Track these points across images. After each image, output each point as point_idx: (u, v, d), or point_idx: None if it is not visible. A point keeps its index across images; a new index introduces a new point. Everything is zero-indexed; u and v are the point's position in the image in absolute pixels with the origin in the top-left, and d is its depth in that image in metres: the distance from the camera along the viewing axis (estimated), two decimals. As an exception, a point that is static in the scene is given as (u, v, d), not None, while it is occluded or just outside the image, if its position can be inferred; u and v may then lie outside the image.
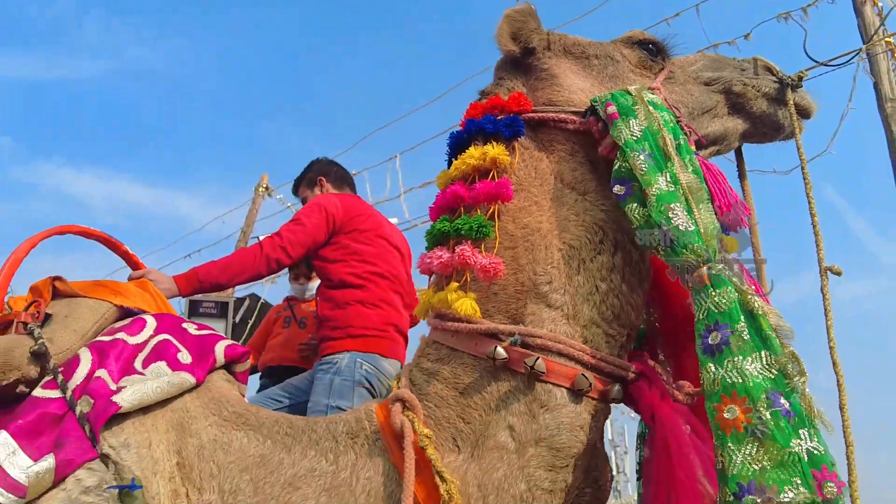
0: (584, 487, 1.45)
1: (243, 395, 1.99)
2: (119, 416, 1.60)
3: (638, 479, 1.62)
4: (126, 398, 1.63)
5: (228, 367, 1.95)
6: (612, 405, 1.52)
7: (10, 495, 1.46)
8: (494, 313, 1.51)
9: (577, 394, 1.41)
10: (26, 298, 2.02)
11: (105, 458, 1.55)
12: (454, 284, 1.52)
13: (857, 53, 3.85)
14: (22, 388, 1.72)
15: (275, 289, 7.93)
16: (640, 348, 1.64)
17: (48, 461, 1.47)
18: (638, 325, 1.59)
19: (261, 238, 3.08)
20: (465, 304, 1.46)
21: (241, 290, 6.42)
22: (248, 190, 8.76)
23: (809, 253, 1.72)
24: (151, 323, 1.91)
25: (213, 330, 2.04)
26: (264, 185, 8.69)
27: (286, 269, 3.94)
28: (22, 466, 1.51)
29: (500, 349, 1.43)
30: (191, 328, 1.98)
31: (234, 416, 1.73)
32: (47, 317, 1.86)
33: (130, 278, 2.51)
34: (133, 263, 2.55)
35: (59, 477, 1.48)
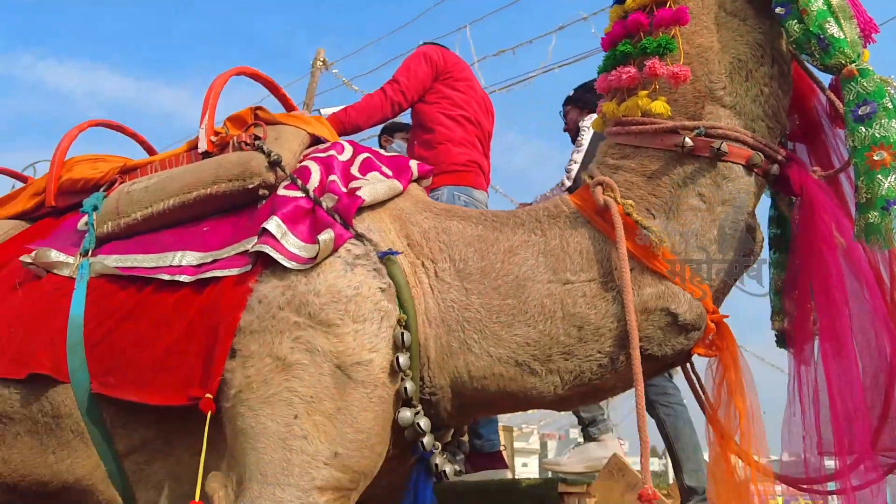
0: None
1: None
2: (356, 210, 2.02)
3: (771, 251, 2.09)
4: (365, 194, 2.06)
5: (417, 181, 2.38)
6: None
7: (292, 262, 1.90)
8: (676, 115, 1.92)
9: (749, 169, 1.86)
10: (228, 127, 2.41)
11: (360, 237, 1.99)
12: (643, 93, 1.93)
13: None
14: (263, 191, 2.14)
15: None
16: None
17: (329, 233, 1.89)
18: (785, 124, 2.01)
19: (322, 111, 3.47)
20: (659, 106, 1.88)
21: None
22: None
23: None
24: (348, 146, 2.33)
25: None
26: (321, 60, 8.96)
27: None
28: (294, 244, 1.94)
29: (687, 139, 1.85)
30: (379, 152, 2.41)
31: (443, 210, 2.17)
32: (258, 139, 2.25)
33: None
34: (288, 105, 2.92)
35: (337, 246, 1.92)
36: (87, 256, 2.28)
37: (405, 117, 3.88)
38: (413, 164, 2.32)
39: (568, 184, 3.71)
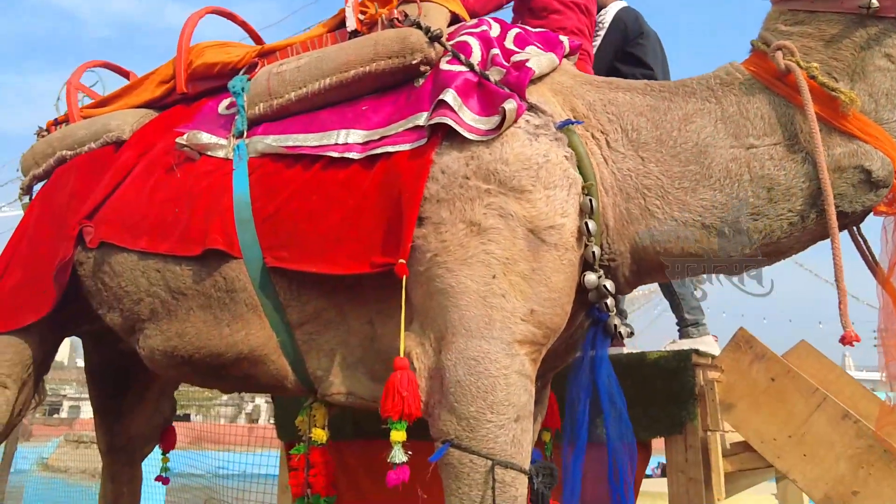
0: None
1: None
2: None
3: None
4: (534, 65, 2.06)
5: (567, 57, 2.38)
6: None
7: (471, 134, 1.93)
8: None
9: None
10: (371, 5, 2.39)
11: (533, 108, 2.01)
12: None
13: None
14: (424, 67, 2.14)
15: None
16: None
17: (512, 103, 1.91)
18: None
19: None
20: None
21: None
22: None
23: None
24: (494, 23, 2.31)
25: None
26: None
27: None
28: (470, 117, 1.97)
29: (874, 0, 1.84)
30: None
31: (604, 83, 2.18)
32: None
33: None
34: None
35: (516, 117, 1.94)
36: (242, 138, 2.32)
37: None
38: (564, 39, 2.31)
39: None
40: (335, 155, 2.11)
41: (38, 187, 3.01)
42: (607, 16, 3.79)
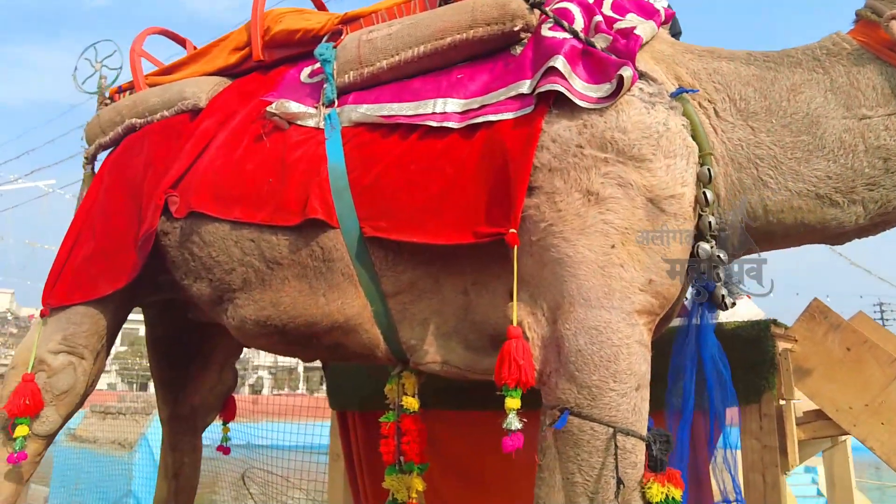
0: None
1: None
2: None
3: None
4: (641, 32, 2.04)
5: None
6: None
7: (583, 102, 1.92)
8: None
9: None
10: None
11: (644, 76, 1.99)
12: None
13: None
14: (525, 34, 2.12)
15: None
16: None
17: (629, 70, 1.89)
18: None
19: None
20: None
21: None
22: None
23: None
24: None
25: None
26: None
27: None
28: (580, 84, 1.95)
29: None
30: None
31: (706, 51, 2.16)
32: None
33: None
34: None
35: (631, 84, 1.92)
36: (333, 107, 2.30)
37: None
38: (659, 5, 2.29)
39: None
40: (434, 124, 2.09)
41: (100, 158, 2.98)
42: None
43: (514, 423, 1.78)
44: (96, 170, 2.95)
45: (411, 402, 2.33)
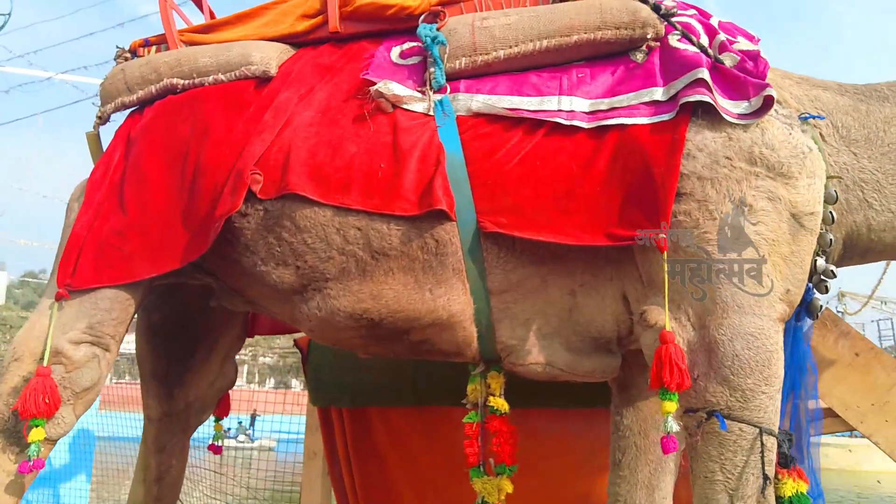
0: None
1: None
2: None
3: None
4: (764, 55, 2.15)
5: None
6: None
7: (728, 116, 1.97)
8: None
9: None
10: None
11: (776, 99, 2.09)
12: None
13: None
14: (652, 43, 2.16)
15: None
16: None
17: (772, 91, 1.96)
18: None
19: None
20: None
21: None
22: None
23: None
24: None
25: None
26: None
27: None
28: (721, 99, 2.00)
29: None
30: None
31: (801, 79, 2.32)
32: None
33: None
34: None
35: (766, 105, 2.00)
36: (444, 93, 2.18)
37: None
38: (744, 29, 2.40)
39: None
40: (563, 122, 2.06)
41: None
42: None
43: (673, 426, 1.82)
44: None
45: (500, 403, 2.28)
